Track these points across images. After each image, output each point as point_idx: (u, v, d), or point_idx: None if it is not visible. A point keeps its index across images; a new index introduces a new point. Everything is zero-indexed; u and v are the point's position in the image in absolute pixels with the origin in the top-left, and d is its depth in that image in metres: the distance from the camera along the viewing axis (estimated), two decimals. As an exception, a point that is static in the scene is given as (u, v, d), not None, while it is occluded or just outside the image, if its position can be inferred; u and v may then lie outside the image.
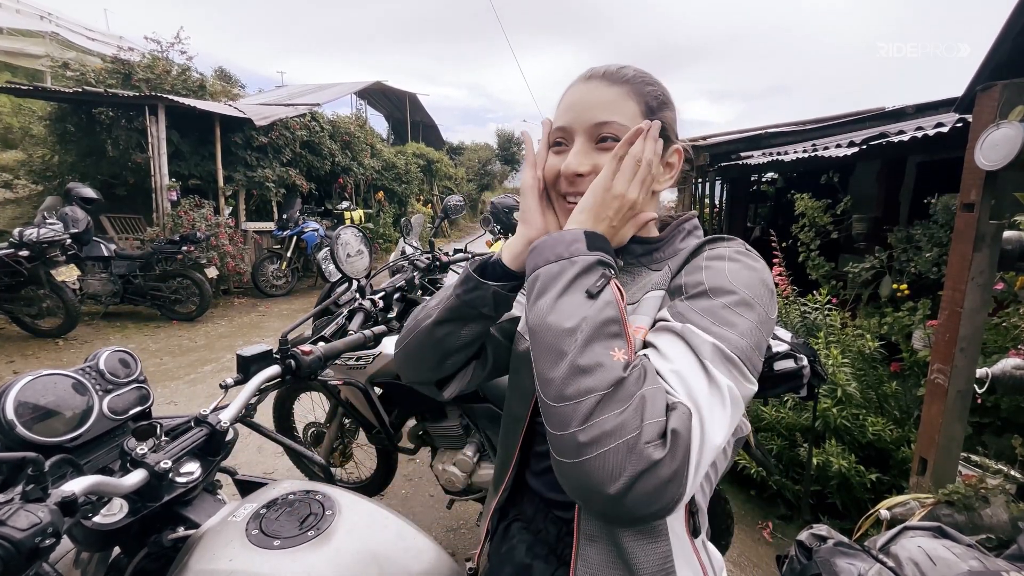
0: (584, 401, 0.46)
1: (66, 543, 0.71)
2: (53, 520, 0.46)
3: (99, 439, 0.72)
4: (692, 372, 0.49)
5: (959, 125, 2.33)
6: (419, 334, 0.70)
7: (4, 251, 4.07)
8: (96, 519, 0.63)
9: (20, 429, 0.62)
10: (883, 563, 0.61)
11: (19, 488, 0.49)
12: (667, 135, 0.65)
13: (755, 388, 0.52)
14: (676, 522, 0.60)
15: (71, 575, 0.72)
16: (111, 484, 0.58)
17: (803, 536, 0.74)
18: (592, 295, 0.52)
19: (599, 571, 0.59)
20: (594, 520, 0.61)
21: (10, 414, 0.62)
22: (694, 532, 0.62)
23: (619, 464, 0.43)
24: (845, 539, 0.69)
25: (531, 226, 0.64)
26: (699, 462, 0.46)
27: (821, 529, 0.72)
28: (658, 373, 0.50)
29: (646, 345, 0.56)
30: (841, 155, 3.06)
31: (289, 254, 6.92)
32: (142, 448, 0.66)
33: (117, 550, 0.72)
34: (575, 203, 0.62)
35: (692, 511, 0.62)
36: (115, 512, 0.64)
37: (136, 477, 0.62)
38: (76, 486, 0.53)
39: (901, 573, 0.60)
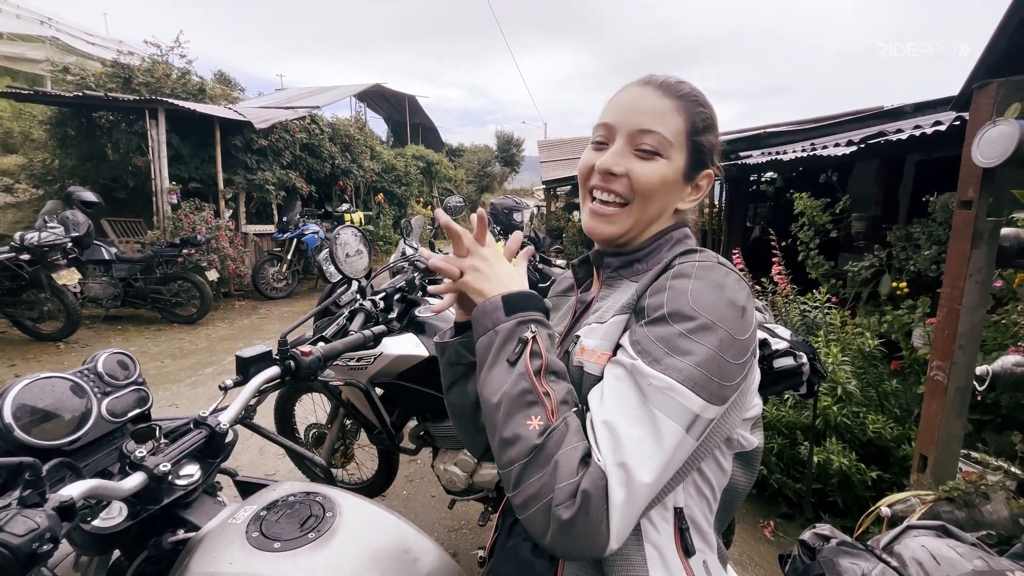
0: (512, 470, 0.52)
1: (65, 546, 0.71)
2: (51, 525, 0.46)
3: (98, 442, 0.72)
4: (625, 419, 0.51)
5: (957, 123, 2.33)
6: (450, 410, 0.77)
7: (5, 255, 4.07)
8: (95, 523, 0.63)
9: (18, 432, 0.62)
10: (887, 563, 0.60)
11: (16, 493, 0.49)
12: (703, 159, 0.66)
13: (720, 409, 0.53)
14: (660, 537, 0.59)
15: (70, 578, 0.72)
16: (110, 488, 0.58)
17: (806, 536, 0.73)
18: (512, 363, 0.56)
19: (580, 570, 0.61)
20: None
21: (8, 417, 0.62)
22: (686, 551, 0.59)
23: (543, 523, 0.50)
24: (848, 539, 0.69)
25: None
26: (628, 508, 0.49)
27: (824, 528, 0.72)
28: (590, 422, 0.54)
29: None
30: (840, 154, 3.05)
31: (289, 256, 6.92)
32: (141, 451, 0.66)
33: (117, 553, 0.72)
34: (602, 201, 0.65)
35: (681, 527, 0.60)
36: (114, 515, 0.64)
37: (135, 480, 0.62)
38: (74, 490, 0.53)
39: (905, 573, 0.60)
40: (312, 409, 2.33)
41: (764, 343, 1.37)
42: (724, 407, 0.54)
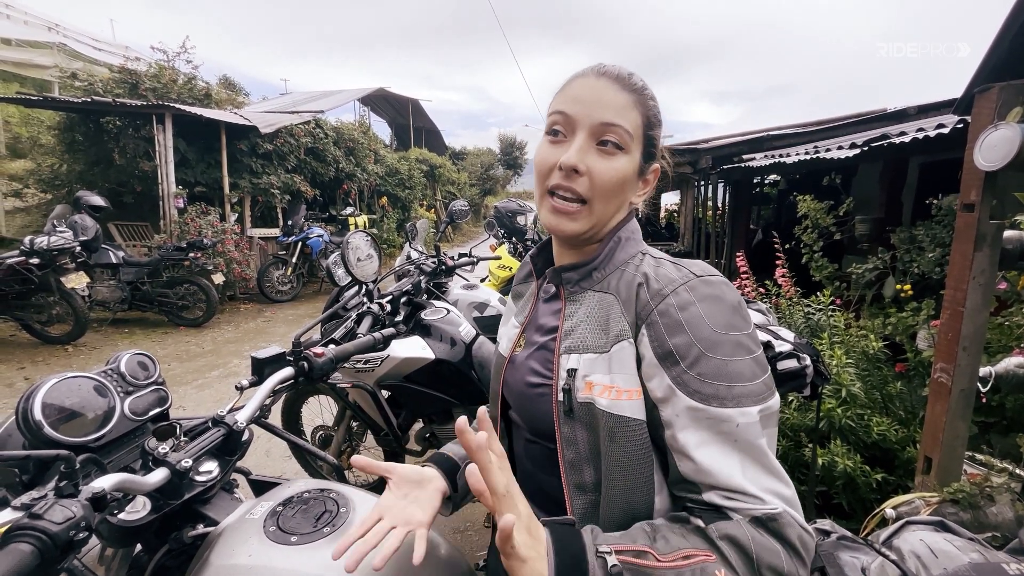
0: None
1: (92, 540, 0.73)
2: (85, 515, 0.49)
3: (120, 439, 0.74)
4: (760, 465, 0.55)
5: (960, 126, 2.34)
6: None
7: (15, 259, 4.13)
8: (121, 516, 0.65)
9: (47, 429, 0.64)
10: (886, 556, 0.62)
11: (51, 484, 0.51)
12: (653, 153, 0.67)
13: (776, 394, 0.58)
14: None
15: (96, 571, 0.74)
16: (136, 482, 0.60)
17: (807, 530, 0.75)
18: None
19: None
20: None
21: (38, 415, 0.64)
22: None
23: None
24: (848, 533, 0.70)
25: None
26: (800, 514, 0.56)
27: (824, 524, 0.73)
28: (737, 491, 0.53)
29: (659, 423, 0.58)
30: (843, 157, 3.07)
31: (294, 260, 6.97)
32: (163, 447, 0.69)
33: (139, 548, 0.74)
34: (563, 199, 0.63)
35: None
36: (139, 509, 0.66)
37: (159, 475, 0.64)
38: (105, 483, 0.55)
39: (903, 566, 0.61)
40: (319, 411, 2.35)
41: (768, 345, 1.38)
42: (775, 390, 0.58)
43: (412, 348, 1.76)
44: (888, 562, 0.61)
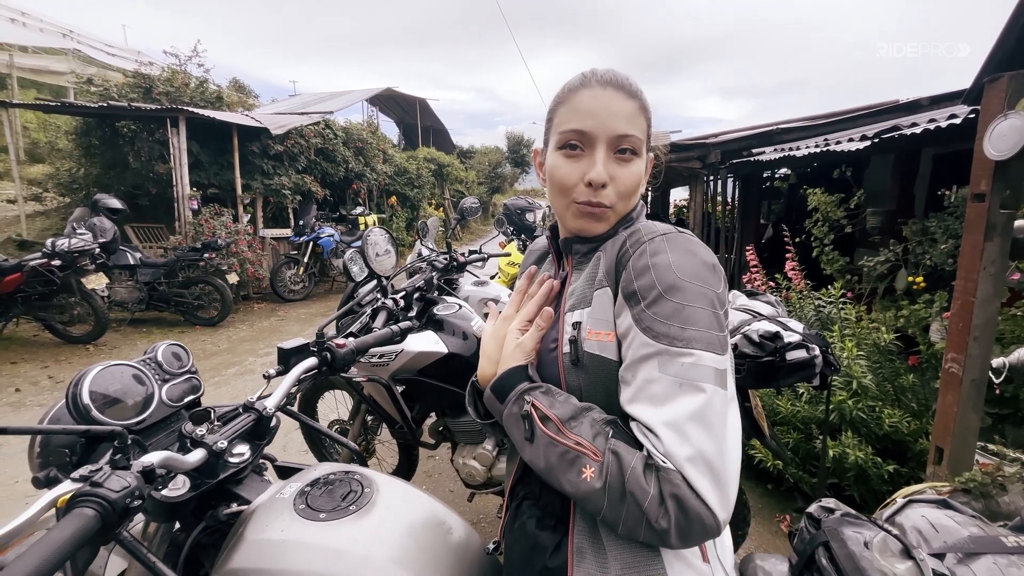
0: (603, 517, 0.57)
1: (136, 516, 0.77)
2: (139, 485, 0.53)
3: (158, 424, 0.79)
4: (680, 409, 0.54)
5: (972, 116, 2.32)
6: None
7: (38, 261, 4.24)
8: (164, 492, 0.69)
9: (95, 412, 0.69)
10: (888, 531, 0.64)
11: (105, 458, 0.56)
12: (649, 146, 0.73)
13: (728, 356, 0.59)
14: None
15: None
16: (178, 460, 0.65)
17: (812, 509, 0.78)
18: (531, 439, 0.62)
19: (592, 532, 0.63)
20: None
21: (86, 399, 0.69)
22: None
23: (657, 538, 0.54)
24: (852, 511, 0.73)
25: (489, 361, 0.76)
26: (717, 485, 0.52)
27: (829, 502, 0.76)
28: (646, 429, 0.55)
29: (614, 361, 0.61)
30: (854, 149, 3.05)
31: (306, 259, 7.06)
32: (200, 431, 0.73)
33: (177, 526, 0.78)
34: (591, 209, 0.68)
35: None
36: (179, 487, 0.71)
37: (197, 455, 0.69)
38: (153, 458, 0.59)
39: (905, 540, 0.63)
40: (334, 406, 2.40)
41: (777, 336, 1.40)
42: (728, 353, 0.59)
43: (425, 342, 1.80)
44: (890, 536, 0.63)
